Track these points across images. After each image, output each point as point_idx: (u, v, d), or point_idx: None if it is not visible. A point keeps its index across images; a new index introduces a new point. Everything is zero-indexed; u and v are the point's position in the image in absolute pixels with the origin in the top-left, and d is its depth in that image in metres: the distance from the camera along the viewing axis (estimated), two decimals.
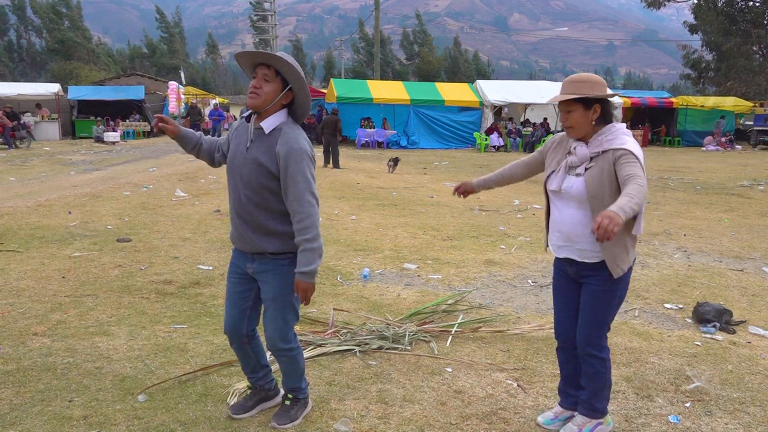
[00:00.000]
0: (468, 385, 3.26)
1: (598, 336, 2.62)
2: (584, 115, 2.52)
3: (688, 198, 10.82)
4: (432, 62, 65.57)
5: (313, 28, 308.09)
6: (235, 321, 2.72)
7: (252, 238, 2.58)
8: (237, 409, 2.85)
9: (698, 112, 27.04)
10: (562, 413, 2.87)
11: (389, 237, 6.88)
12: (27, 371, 3.29)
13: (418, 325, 4.07)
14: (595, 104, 2.52)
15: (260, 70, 2.49)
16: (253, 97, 2.48)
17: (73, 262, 5.57)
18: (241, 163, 2.56)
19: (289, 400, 2.83)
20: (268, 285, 2.62)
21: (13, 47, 67.89)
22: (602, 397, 2.71)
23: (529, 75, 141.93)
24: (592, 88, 2.50)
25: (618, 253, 2.50)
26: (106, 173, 13.31)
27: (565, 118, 2.56)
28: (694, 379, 3.35)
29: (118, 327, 4.00)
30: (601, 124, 2.55)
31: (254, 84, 2.49)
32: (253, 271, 2.65)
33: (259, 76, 2.48)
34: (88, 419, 2.80)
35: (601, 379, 2.66)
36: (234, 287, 2.72)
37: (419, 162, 17.32)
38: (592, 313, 2.60)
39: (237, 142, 2.63)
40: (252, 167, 2.52)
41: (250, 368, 2.86)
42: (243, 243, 2.64)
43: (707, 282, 5.41)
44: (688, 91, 47.83)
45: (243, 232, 2.61)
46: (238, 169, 2.57)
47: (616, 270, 2.51)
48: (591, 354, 2.62)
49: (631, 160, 2.41)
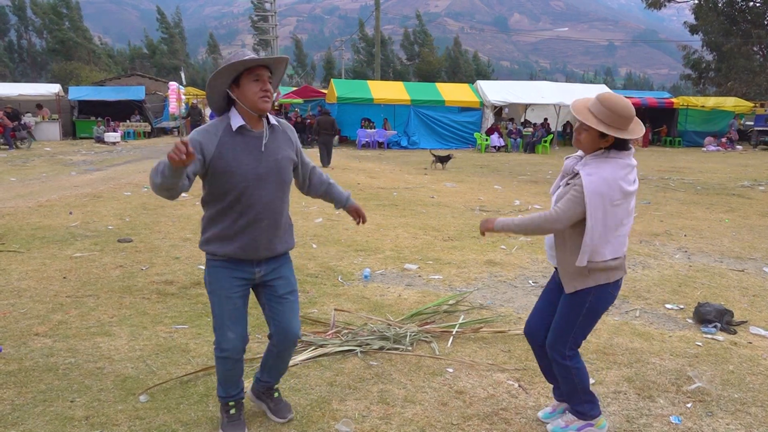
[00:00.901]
0: (469, 385, 3.27)
1: (561, 343, 2.67)
2: (595, 140, 2.52)
3: (688, 198, 10.82)
4: (432, 62, 65.58)
5: (313, 28, 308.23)
6: (245, 336, 2.67)
7: (279, 241, 2.64)
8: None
9: (699, 112, 27.02)
10: (558, 406, 2.91)
11: (390, 237, 6.88)
12: (29, 372, 3.30)
13: (419, 325, 4.07)
14: (609, 135, 2.48)
15: (264, 72, 2.48)
16: (267, 100, 2.49)
17: (74, 263, 5.58)
18: (268, 166, 2.54)
19: (277, 392, 2.92)
20: (285, 280, 2.69)
21: (14, 48, 67.92)
22: (578, 401, 2.73)
23: (529, 75, 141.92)
24: (609, 119, 2.45)
25: (572, 272, 2.56)
26: (106, 173, 13.31)
27: (579, 132, 2.56)
28: (695, 380, 3.35)
29: (120, 327, 4.00)
30: (610, 149, 2.53)
31: (265, 88, 2.47)
32: (261, 275, 2.64)
33: (265, 79, 2.48)
34: (90, 419, 2.81)
35: (570, 384, 2.70)
36: (241, 300, 2.63)
37: (420, 162, 17.32)
38: (558, 320, 2.68)
39: (239, 153, 2.48)
40: (283, 165, 2.61)
41: (239, 384, 2.76)
42: (266, 249, 2.60)
43: (708, 282, 5.41)
44: (688, 91, 47.81)
45: (271, 238, 2.60)
46: (266, 173, 2.53)
47: (567, 286, 2.59)
48: (554, 358, 2.70)
49: (574, 190, 2.46)
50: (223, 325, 2.60)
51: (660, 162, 18.37)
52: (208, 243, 2.58)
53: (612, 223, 2.48)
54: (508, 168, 16.28)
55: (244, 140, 2.51)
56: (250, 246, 2.56)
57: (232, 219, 2.53)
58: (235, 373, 2.69)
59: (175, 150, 2.14)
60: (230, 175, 2.47)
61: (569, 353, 2.66)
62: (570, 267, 2.55)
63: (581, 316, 2.61)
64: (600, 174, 2.45)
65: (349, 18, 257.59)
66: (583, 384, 2.70)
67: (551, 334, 2.70)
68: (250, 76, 2.45)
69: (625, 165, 2.51)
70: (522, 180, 13.53)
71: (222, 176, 2.47)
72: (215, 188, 2.52)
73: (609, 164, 2.49)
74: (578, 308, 2.60)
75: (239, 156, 2.48)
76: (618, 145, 2.52)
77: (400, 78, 58.38)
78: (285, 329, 2.68)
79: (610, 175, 2.45)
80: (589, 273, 2.53)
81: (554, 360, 2.69)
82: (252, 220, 2.53)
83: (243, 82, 2.45)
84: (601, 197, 2.42)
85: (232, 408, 2.73)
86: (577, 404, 2.74)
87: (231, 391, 2.72)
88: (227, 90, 2.49)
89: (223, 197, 2.51)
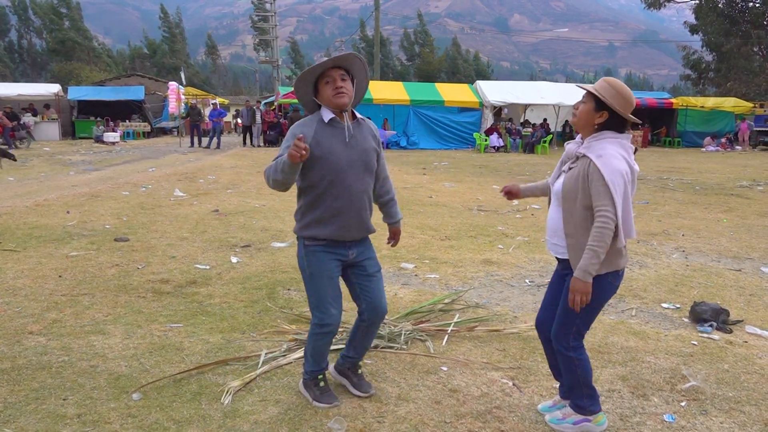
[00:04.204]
0: (463, 383, 3.26)
1: (564, 334, 2.68)
2: (590, 113, 2.57)
3: (687, 198, 10.81)
4: (432, 63, 65.58)
5: (313, 28, 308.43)
6: (341, 312, 2.92)
7: (366, 225, 2.91)
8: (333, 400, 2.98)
9: (698, 112, 27.02)
10: (560, 401, 2.92)
11: (387, 236, 6.83)
12: (22, 370, 3.29)
13: (414, 324, 4.06)
14: (605, 110, 2.54)
15: (335, 72, 2.74)
16: (342, 95, 2.73)
17: (70, 262, 5.57)
18: (353, 154, 2.80)
19: (360, 368, 3.17)
20: (373, 260, 3.00)
21: (14, 48, 67.96)
22: (580, 395, 2.74)
23: (529, 76, 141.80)
24: (609, 94, 2.52)
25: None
26: (105, 173, 13.31)
27: (577, 106, 2.63)
28: (689, 378, 3.34)
29: (114, 326, 3.99)
30: (607, 130, 2.58)
31: (339, 84, 2.73)
32: (355, 255, 2.92)
33: (338, 77, 2.74)
34: (82, 417, 2.80)
35: (573, 376, 2.71)
36: (337, 281, 2.90)
37: (419, 162, 17.32)
38: (562, 310, 2.69)
39: (332, 142, 2.77)
40: (367, 152, 2.84)
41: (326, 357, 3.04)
42: (358, 231, 2.87)
43: (705, 282, 5.40)
44: (688, 92, 47.81)
45: (363, 220, 2.87)
46: (354, 161, 2.79)
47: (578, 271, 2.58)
48: (559, 350, 2.72)
49: (599, 184, 2.46)
50: (326, 303, 2.85)
51: (659, 162, 18.36)
52: (308, 228, 2.84)
53: (628, 202, 2.52)
54: (507, 168, 16.28)
55: (335, 131, 2.80)
56: (344, 228, 2.82)
57: (328, 203, 2.78)
58: (329, 346, 2.98)
59: (295, 148, 2.48)
60: (325, 161, 2.74)
61: (573, 343, 2.68)
62: (582, 251, 2.54)
63: (585, 307, 2.60)
64: (607, 152, 2.49)
65: (350, 18, 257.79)
66: (586, 377, 2.71)
67: (556, 325, 2.73)
68: (322, 80, 2.76)
69: (626, 145, 2.57)
70: (521, 180, 13.52)
71: (318, 162, 2.74)
72: (313, 174, 2.77)
73: (611, 143, 2.53)
74: None
75: (332, 144, 2.77)
76: (614, 127, 2.57)
77: (400, 78, 58.38)
78: (376, 305, 2.95)
79: (617, 152, 2.50)
80: (611, 257, 2.54)
81: (559, 351, 2.72)
82: (346, 204, 2.79)
83: (319, 87, 2.78)
84: (620, 174, 2.46)
85: (321, 381, 3.01)
86: (578, 398, 2.75)
87: (322, 364, 3.01)
88: (313, 98, 2.84)
89: (319, 183, 2.77)
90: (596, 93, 2.53)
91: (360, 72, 2.86)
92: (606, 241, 2.46)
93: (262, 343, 3.73)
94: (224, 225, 7.52)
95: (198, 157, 17.64)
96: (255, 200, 9.52)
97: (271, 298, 4.63)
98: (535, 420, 2.89)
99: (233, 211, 8.49)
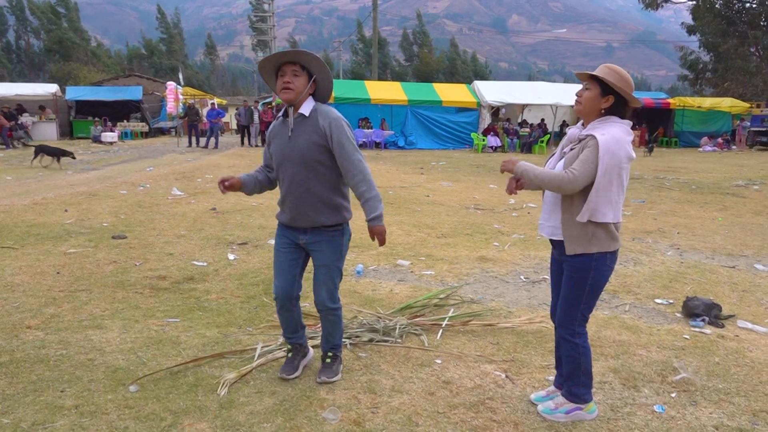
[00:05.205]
0: (457, 376, 3.30)
1: (569, 320, 2.73)
2: (596, 99, 2.62)
3: (683, 197, 10.86)
4: (431, 63, 65.62)
5: (312, 29, 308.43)
6: (287, 286, 3.07)
7: (311, 215, 2.95)
8: (287, 371, 3.18)
9: (695, 113, 27.12)
10: (554, 392, 2.97)
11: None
12: (20, 363, 3.32)
13: (409, 318, 4.10)
14: (611, 95, 2.59)
15: (287, 68, 2.84)
16: (287, 92, 2.84)
17: (68, 258, 5.60)
18: (292, 148, 2.90)
19: (329, 358, 3.21)
20: (322, 253, 3.02)
21: (12, 48, 67.84)
22: (578, 383, 2.78)
23: (527, 76, 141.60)
24: (615, 78, 2.57)
25: (575, 234, 2.61)
26: (103, 172, 13.33)
27: (581, 93, 2.67)
28: (680, 371, 3.38)
29: (112, 321, 4.02)
30: (611, 115, 2.63)
31: (286, 80, 2.83)
32: (305, 242, 3.03)
33: (289, 73, 2.83)
34: (80, 408, 2.83)
35: (574, 363, 2.76)
36: (285, 257, 3.07)
37: (416, 162, 17.36)
38: (564, 297, 2.74)
39: (280, 137, 2.98)
40: (304, 146, 2.88)
41: (291, 329, 3.20)
42: (301, 220, 2.98)
43: (698, 278, 5.45)
44: (685, 92, 47.92)
45: (303, 210, 2.95)
46: (291, 154, 2.91)
47: (569, 247, 2.64)
48: (563, 337, 2.77)
49: (590, 152, 2.51)
50: (275, 275, 3.10)
51: (656, 162, 18.42)
52: (277, 209, 3.11)
53: (616, 185, 2.55)
54: None
55: (282, 126, 2.99)
56: (289, 215, 3.00)
57: (281, 192, 3.03)
58: (284, 317, 3.14)
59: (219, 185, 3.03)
60: (273, 154, 3.02)
61: (579, 330, 2.73)
62: (574, 229, 2.61)
63: (585, 290, 2.67)
64: (611, 134, 2.53)
65: (348, 19, 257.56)
66: (587, 366, 2.77)
67: (560, 313, 2.77)
68: (279, 74, 2.89)
69: (628, 131, 2.62)
70: None
71: (272, 155, 3.03)
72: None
73: (616, 127, 2.58)
74: (582, 282, 2.65)
75: (278, 138, 2.99)
76: (618, 112, 2.62)
77: (399, 79, 58.40)
78: (315, 295, 3.08)
79: (620, 137, 2.54)
80: (591, 236, 2.59)
81: (564, 338, 2.76)
82: (287, 195, 2.97)
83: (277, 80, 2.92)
84: (613, 156, 2.50)
85: (289, 352, 3.24)
86: (575, 386, 2.79)
87: (286, 333, 3.21)
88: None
89: (276, 173, 3.05)
90: (603, 78, 2.57)
91: (319, 69, 2.90)
92: (554, 183, 2.54)
93: (258, 337, 3.76)
94: (221, 223, 7.55)
95: (196, 156, 17.66)
96: (252, 199, 9.54)
97: (267, 294, 4.66)
98: (527, 410, 2.93)
99: (230, 210, 8.52)
